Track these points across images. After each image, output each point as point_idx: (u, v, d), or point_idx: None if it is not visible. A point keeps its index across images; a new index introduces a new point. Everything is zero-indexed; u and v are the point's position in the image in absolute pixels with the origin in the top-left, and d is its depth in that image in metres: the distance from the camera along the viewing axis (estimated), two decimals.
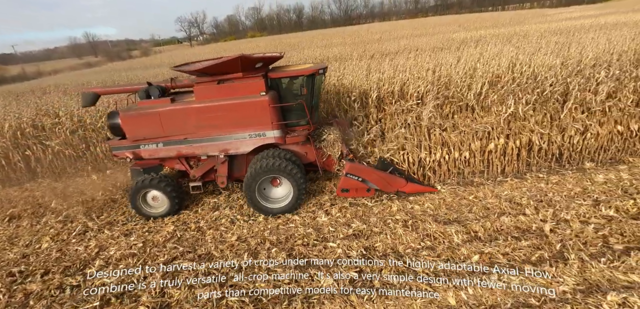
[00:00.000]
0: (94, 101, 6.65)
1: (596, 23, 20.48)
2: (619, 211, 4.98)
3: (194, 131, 5.99)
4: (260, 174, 5.88)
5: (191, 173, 6.58)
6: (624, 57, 7.82)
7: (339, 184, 6.18)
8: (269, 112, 5.81)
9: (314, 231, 5.41)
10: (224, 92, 5.78)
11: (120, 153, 6.35)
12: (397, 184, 6.15)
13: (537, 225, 4.87)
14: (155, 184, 6.15)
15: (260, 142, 6.07)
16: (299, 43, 37.49)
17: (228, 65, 5.63)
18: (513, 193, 5.81)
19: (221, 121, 5.90)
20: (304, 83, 6.04)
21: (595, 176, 6.04)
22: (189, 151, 6.22)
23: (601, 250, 4.32)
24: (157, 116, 5.92)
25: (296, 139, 6.25)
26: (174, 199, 6.28)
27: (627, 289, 3.71)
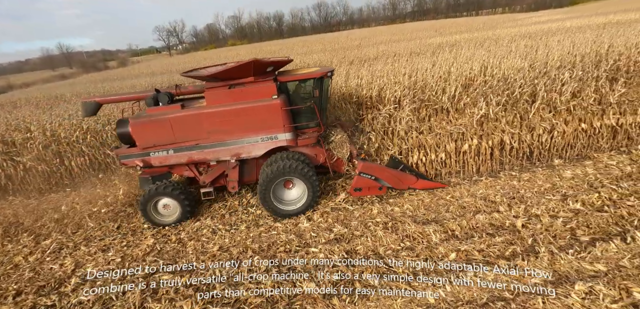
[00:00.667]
0: (95, 110, 6.53)
1: (562, 27, 21.52)
2: (585, 204, 5.26)
3: (205, 136, 5.96)
4: (276, 176, 5.92)
5: (201, 179, 6.52)
6: (586, 58, 8.28)
7: (352, 183, 6.26)
8: (281, 115, 5.87)
9: (296, 237, 5.44)
10: (236, 96, 5.82)
11: (129, 161, 6.21)
12: (408, 182, 6.30)
13: (510, 221, 5.08)
14: (168, 191, 6.08)
15: (272, 145, 6.08)
16: (279, 50, 37.54)
17: (240, 70, 5.64)
18: (487, 192, 6.03)
19: (233, 125, 5.90)
20: (314, 86, 6.12)
21: (563, 172, 6.34)
22: (200, 157, 6.15)
23: (569, 242, 4.54)
24: (168, 123, 5.85)
25: (307, 141, 6.31)
26: (186, 206, 6.23)
27: (593, 278, 3.92)
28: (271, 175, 5.91)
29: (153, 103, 6.15)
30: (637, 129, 7.05)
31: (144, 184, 6.36)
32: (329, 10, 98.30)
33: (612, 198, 5.31)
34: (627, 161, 6.47)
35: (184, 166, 6.40)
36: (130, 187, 8.16)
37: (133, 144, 6.15)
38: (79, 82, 29.57)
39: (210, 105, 5.86)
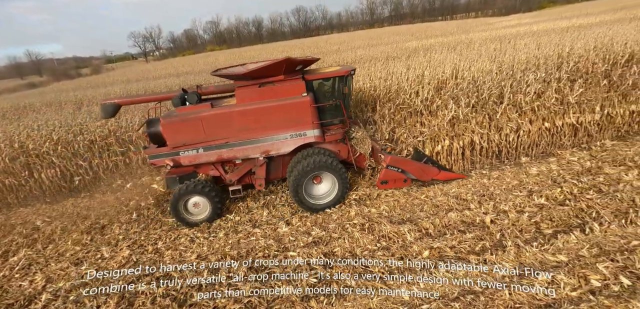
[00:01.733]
0: (114, 112, 6.49)
1: (530, 30, 22.56)
2: (549, 199, 5.57)
3: (235, 134, 6.04)
4: (310, 170, 6.04)
5: (227, 178, 6.56)
6: (549, 61, 8.74)
7: (379, 176, 6.42)
8: (310, 112, 6.02)
9: (274, 242, 5.48)
10: (266, 94, 5.96)
11: (158, 161, 6.21)
12: (431, 174, 6.49)
13: (480, 218, 5.31)
14: (199, 189, 6.10)
15: (301, 142, 6.21)
16: (259, 55, 37.47)
17: (272, 69, 5.74)
18: (459, 190, 6.27)
19: (263, 122, 6.00)
20: (339, 84, 6.30)
21: (529, 169, 6.68)
22: (230, 155, 6.20)
23: (534, 235, 4.80)
24: (199, 121, 5.91)
25: (333, 137, 6.46)
26: (216, 203, 6.26)
27: (555, 268, 4.17)
28: (306, 169, 6.01)
29: (180, 103, 6.21)
30: (595, 127, 7.51)
31: (171, 184, 6.35)
32: (308, 15, 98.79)
33: (573, 192, 5.64)
34: (587, 157, 6.89)
35: (210, 165, 6.43)
36: (105, 197, 7.99)
37: (162, 144, 6.16)
38: (49, 91, 28.43)
39: (240, 103, 5.97)
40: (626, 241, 4.41)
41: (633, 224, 4.71)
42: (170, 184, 6.36)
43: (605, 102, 7.62)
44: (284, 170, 6.80)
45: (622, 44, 10.14)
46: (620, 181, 5.82)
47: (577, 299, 3.74)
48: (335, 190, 6.33)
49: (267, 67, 5.68)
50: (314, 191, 6.42)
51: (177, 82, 21.00)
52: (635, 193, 5.38)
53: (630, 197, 5.30)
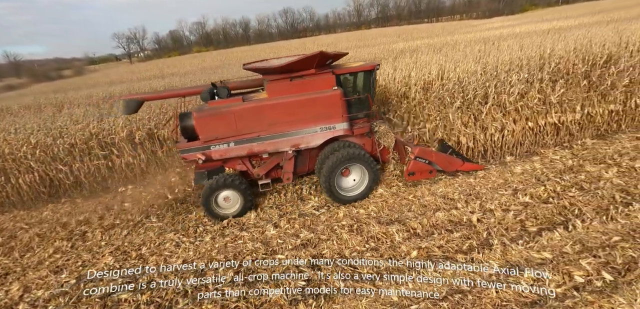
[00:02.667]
0: (137, 108, 6.42)
1: (513, 32, 23.07)
2: (533, 197, 5.67)
3: (266, 128, 6.07)
4: (342, 162, 6.15)
5: (254, 172, 6.60)
6: (532, 62, 8.91)
7: (407, 167, 6.51)
8: (340, 105, 6.11)
9: (262, 245, 5.40)
10: (297, 88, 6.03)
11: (189, 155, 6.15)
12: (456, 165, 6.68)
13: (467, 217, 5.36)
14: (230, 182, 6.12)
15: (331, 135, 6.29)
16: (247, 57, 37.16)
17: (305, 62, 5.82)
18: (447, 190, 6.32)
19: (294, 116, 6.06)
20: (365, 78, 6.43)
21: (514, 168, 6.80)
22: (260, 149, 6.23)
23: (519, 233, 4.88)
24: (231, 115, 5.93)
25: (361, 130, 6.58)
26: (248, 196, 6.28)
27: (540, 265, 4.24)
28: (339, 160, 6.12)
29: (209, 97, 6.22)
30: (576, 126, 7.71)
31: (200, 178, 6.36)
32: (295, 16, 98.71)
33: (556, 190, 5.76)
34: (569, 155, 7.05)
35: (238, 159, 6.45)
36: (87, 203, 7.76)
37: (193, 138, 6.12)
38: (28, 93, 27.53)
39: (271, 97, 6.04)
40: (607, 237, 4.52)
41: (614, 221, 4.83)
42: (199, 178, 6.39)
43: (585, 101, 7.82)
44: (311, 164, 6.88)
45: (601, 46, 10.46)
46: (600, 178, 5.97)
47: (562, 296, 3.80)
48: (364, 181, 6.46)
49: (300, 61, 5.78)
50: (342, 183, 6.49)
51: (162, 83, 20.63)
52: (616, 190, 5.53)
53: (610, 194, 5.45)
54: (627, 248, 4.29)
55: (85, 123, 9.19)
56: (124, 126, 8.81)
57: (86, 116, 10.20)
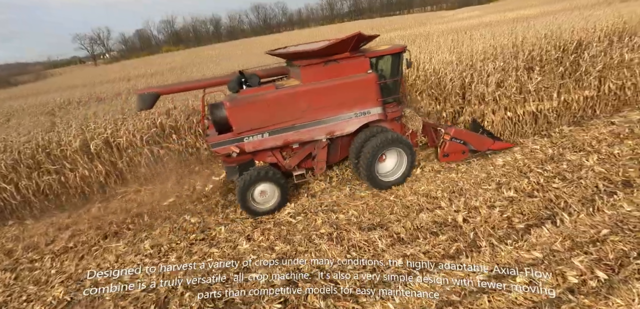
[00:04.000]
0: (153, 102, 5.96)
1: (482, 22, 23.38)
2: (518, 191, 5.46)
3: (301, 116, 5.78)
4: (382, 146, 5.91)
5: (286, 164, 6.26)
6: (506, 50, 8.82)
7: (442, 149, 6.48)
8: (375, 89, 5.91)
9: (234, 262, 4.89)
10: (332, 72, 5.77)
11: (222, 149, 5.75)
12: (487, 144, 6.63)
13: (452, 216, 5.07)
14: (270, 176, 5.80)
15: (366, 121, 6.06)
16: (217, 55, 36.06)
17: (341, 45, 5.55)
18: (429, 187, 6.03)
19: (329, 101, 5.81)
20: (394, 61, 6.23)
21: (495, 160, 6.60)
22: (295, 138, 5.91)
23: (507, 232, 4.63)
24: (266, 103, 5.61)
25: (394, 114, 6.40)
26: (285, 189, 6.00)
27: (531, 266, 3.98)
28: (379, 145, 5.87)
29: (238, 86, 5.88)
30: (554, 114, 7.64)
31: (230, 173, 6.11)
32: (267, 12, 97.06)
33: (540, 182, 5.58)
34: (548, 144, 6.94)
35: (269, 151, 6.10)
36: (37, 225, 6.93)
37: (225, 130, 5.75)
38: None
39: (306, 82, 5.72)
40: (596, 231, 4.34)
41: (600, 212, 4.67)
42: (230, 173, 6.11)
43: (561, 89, 7.77)
44: (342, 152, 6.60)
45: (570, 32, 10.57)
46: (582, 166, 5.86)
47: (557, 300, 3.55)
48: (402, 166, 6.28)
49: (336, 44, 5.49)
50: (379, 169, 6.21)
51: (128, 86, 19.46)
52: (598, 179, 5.41)
53: (593, 183, 5.32)
54: (617, 241, 4.11)
55: (31, 135, 8.27)
56: (76, 135, 7.97)
57: (36, 126, 9.24)
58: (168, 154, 8.08)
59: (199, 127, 7.75)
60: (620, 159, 5.93)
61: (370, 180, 6.09)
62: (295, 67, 6.10)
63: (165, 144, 8.06)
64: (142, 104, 5.94)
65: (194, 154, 8.18)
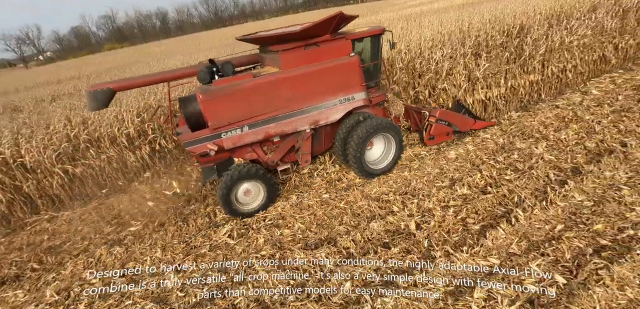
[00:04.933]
0: (108, 101, 5.20)
1: (432, 8, 23.70)
2: (471, 187, 5.16)
3: (283, 105, 5.32)
4: (371, 133, 5.62)
5: (268, 160, 5.79)
6: (453, 36, 8.62)
7: (428, 131, 6.36)
8: (359, 73, 5.60)
9: (157, 306, 4.08)
10: (313, 57, 5.39)
11: (198, 147, 5.11)
12: (469, 124, 6.64)
13: (404, 223, 4.63)
14: (253, 173, 5.30)
15: (350, 107, 5.72)
16: (162, 52, 33.70)
17: (322, 26, 5.15)
18: (381, 189, 5.58)
19: (312, 88, 5.42)
20: (373, 43, 5.92)
21: (448, 153, 6.31)
22: (277, 130, 5.44)
23: (462, 236, 4.27)
24: (244, 94, 5.10)
25: (378, 98, 6.08)
26: (272, 186, 5.58)
27: (488, 276, 3.63)
28: (368, 131, 5.57)
29: (208, 77, 5.27)
30: (502, 100, 7.54)
31: (207, 174, 5.57)
32: (218, 4, 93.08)
33: (492, 175, 5.34)
34: (498, 132, 6.79)
35: (248, 147, 5.54)
36: None
37: (199, 126, 5.13)
38: None
39: (286, 69, 5.27)
40: (551, 227, 4.11)
41: (553, 205, 4.46)
42: (207, 174, 5.56)
43: (508, 75, 7.69)
44: (327, 141, 6.22)
45: (512, 17, 10.70)
46: (532, 155, 5.71)
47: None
48: (391, 151, 6.05)
49: (316, 25, 5.07)
50: (367, 157, 5.94)
51: (56, 89, 17.33)
52: (549, 168, 5.26)
53: (544, 173, 5.15)
54: (573, 237, 3.89)
55: None
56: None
57: None
58: (88, 172, 6.93)
59: (166, 125, 6.83)
60: (567, 144, 5.86)
61: (360, 170, 5.82)
62: (271, 53, 5.59)
63: (83, 161, 6.89)
64: (94, 103, 5.16)
65: (120, 168, 7.11)
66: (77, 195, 6.93)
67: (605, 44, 8.76)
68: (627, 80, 8.19)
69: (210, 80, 5.31)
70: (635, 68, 8.95)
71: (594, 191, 4.61)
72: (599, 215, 4.17)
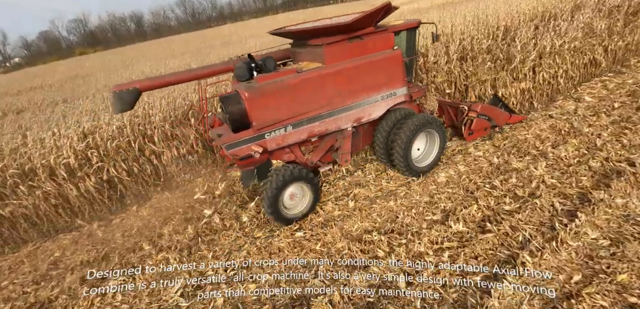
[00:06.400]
0: (134, 101, 4.79)
1: (412, 8, 23.25)
2: (467, 222, 4.44)
3: (328, 103, 5.02)
4: (419, 129, 5.35)
5: (306, 161, 5.47)
6: None
7: (469, 126, 6.11)
8: (402, 67, 5.39)
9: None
10: (357, 50, 5.09)
11: (241, 150, 4.70)
12: (505, 118, 6.46)
13: (392, 275, 3.85)
14: (301, 175, 4.92)
15: (392, 103, 5.49)
16: (138, 56, 32.19)
17: (369, 18, 4.84)
18: (363, 225, 4.78)
19: (357, 84, 5.14)
20: (410, 37, 5.70)
21: (438, 176, 5.60)
22: (321, 129, 5.13)
23: (462, 293, 3.52)
24: (290, 91, 4.75)
25: (418, 94, 5.81)
26: (318, 189, 5.25)
27: None
28: (416, 128, 5.29)
29: (247, 73, 4.90)
30: None
31: (248, 179, 5.09)
32: (195, 6, 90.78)
33: (490, 205, 4.64)
34: (491, 148, 6.16)
35: (287, 148, 5.16)
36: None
37: (242, 127, 4.71)
38: None
39: (330, 63, 4.93)
40: (566, 277, 3.43)
41: (564, 245, 3.78)
42: (247, 179, 5.09)
43: (496, 83, 7.09)
44: (365, 140, 5.93)
45: (495, 17, 10.18)
46: (531, 178, 5.06)
47: None
48: (434, 148, 5.81)
49: (365, 17, 4.71)
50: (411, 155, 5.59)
51: (9, 103, 15.86)
52: (553, 195, 4.60)
53: (549, 202, 4.50)
54: (594, 293, 3.20)
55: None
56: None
57: None
58: None
59: (199, 126, 6.19)
60: (569, 163, 5.25)
61: (407, 168, 5.53)
62: (309, 47, 5.21)
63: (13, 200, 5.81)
64: (120, 104, 4.75)
65: None
66: (8, 239, 5.86)
67: (595, 46, 8.29)
68: (619, 85, 7.73)
69: (250, 77, 4.90)
70: (625, 71, 8.55)
71: (608, 226, 3.96)
72: (621, 260, 3.51)
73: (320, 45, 4.89)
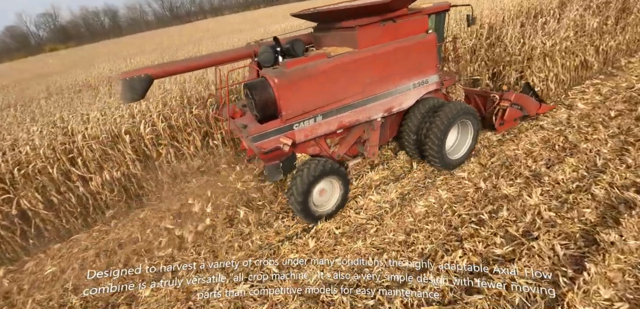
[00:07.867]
0: (145, 89, 4.27)
1: None
2: (450, 274, 3.53)
3: (360, 90, 4.53)
4: (456, 118, 4.99)
5: (332, 154, 5.05)
6: None
7: (501, 116, 5.82)
8: (435, 53, 5.03)
9: None
10: (389, 34, 4.65)
11: (268, 142, 4.13)
12: (535, 107, 6.21)
13: None
14: (332, 169, 4.51)
15: (424, 92, 5.13)
16: (110, 52, 30.56)
17: None
18: (325, 276, 3.83)
19: (390, 70, 4.68)
20: (440, 20, 5.39)
21: (415, 205, 4.71)
22: (351, 119, 4.64)
23: None
24: (322, 77, 4.25)
25: (450, 81, 5.45)
26: (348, 182, 4.80)
27: None
28: (452, 118, 4.93)
29: (274, 58, 4.52)
30: None
31: (274, 174, 4.49)
32: (173, 0, 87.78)
33: (478, 250, 3.77)
34: (477, 168, 5.31)
35: (312, 140, 4.71)
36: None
37: (270, 117, 4.15)
38: None
39: (363, 47, 4.49)
40: None
41: None
42: (273, 174, 4.54)
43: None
44: (392, 130, 5.53)
45: (479, 15, 9.46)
46: (525, 209, 4.23)
47: None
48: (468, 138, 5.44)
49: None
50: None
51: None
52: (553, 235, 3.76)
53: (549, 247, 3.65)
54: None
55: None
56: None
57: None
58: None
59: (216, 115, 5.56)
60: (568, 189, 4.45)
61: (441, 161, 5.16)
62: (338, 31, 4.80)
63: None
64: (129, 93, 4.29)
65: None
66: None
67: (587, 46, 7.60)
68: (612, 89, 7.05)
69: (275, 62, 4.57)
70: (617, 73, 7.89)
71: (623, 280, 3.16)
72: None
73: (353, 27, 4.46)
